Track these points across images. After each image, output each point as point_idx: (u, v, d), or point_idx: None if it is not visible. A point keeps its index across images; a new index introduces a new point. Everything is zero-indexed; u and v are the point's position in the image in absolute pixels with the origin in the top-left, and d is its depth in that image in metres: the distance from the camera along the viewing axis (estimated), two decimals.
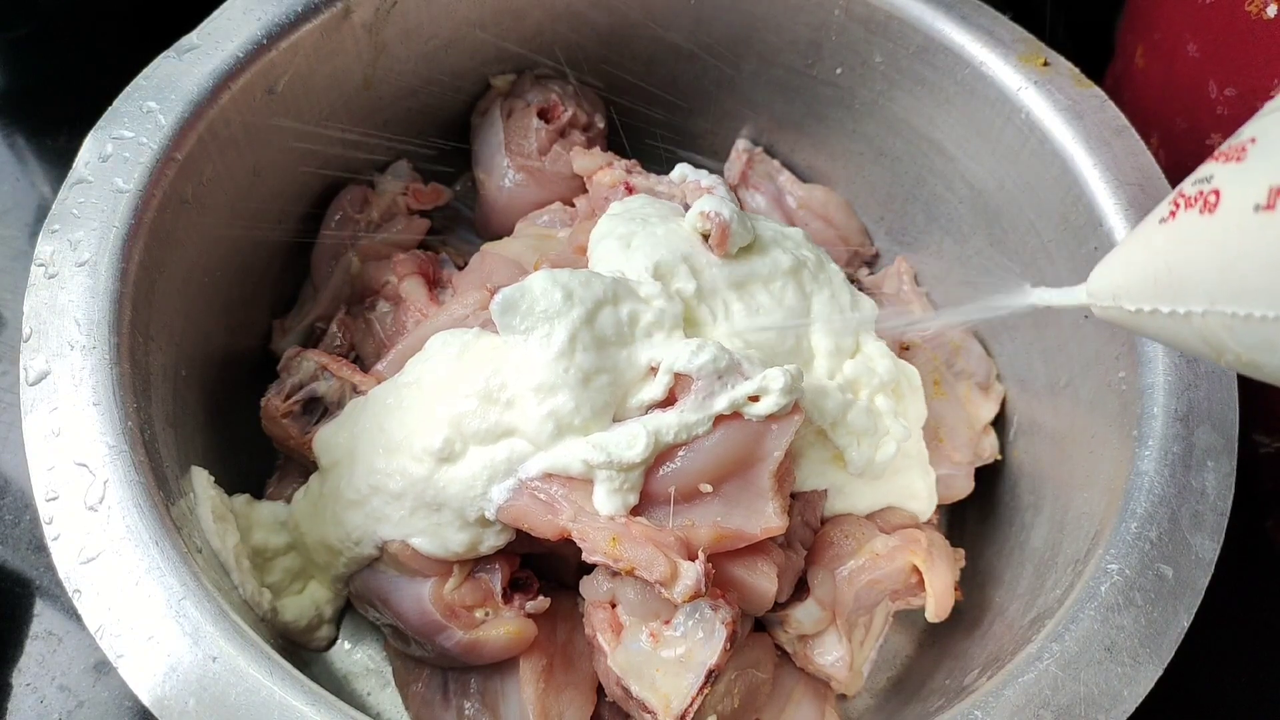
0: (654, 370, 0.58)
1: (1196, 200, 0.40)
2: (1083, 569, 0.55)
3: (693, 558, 0.54)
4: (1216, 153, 0.40)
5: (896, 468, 0.68)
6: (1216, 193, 0.39)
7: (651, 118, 0.87)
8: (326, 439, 0.63)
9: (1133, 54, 0.79)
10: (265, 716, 0.45)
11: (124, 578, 0.48)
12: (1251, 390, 0.57)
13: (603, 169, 0.75)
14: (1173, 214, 0.41)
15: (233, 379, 0.69)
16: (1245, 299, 0.37)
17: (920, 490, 0.69)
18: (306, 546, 0.64)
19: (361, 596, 0.63)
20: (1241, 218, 0.37)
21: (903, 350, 0.75)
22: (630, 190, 0.73)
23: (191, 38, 0.63)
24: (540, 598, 0.62)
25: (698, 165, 0.77)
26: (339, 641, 0.69)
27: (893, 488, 0.68)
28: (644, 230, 0.65)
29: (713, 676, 0.54)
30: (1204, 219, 0.39)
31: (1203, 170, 0.41)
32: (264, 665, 0.46)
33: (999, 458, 0.74)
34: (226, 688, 0.45)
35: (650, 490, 0.56)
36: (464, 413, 0.57)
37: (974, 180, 0.74)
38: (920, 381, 0.72)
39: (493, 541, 0.60)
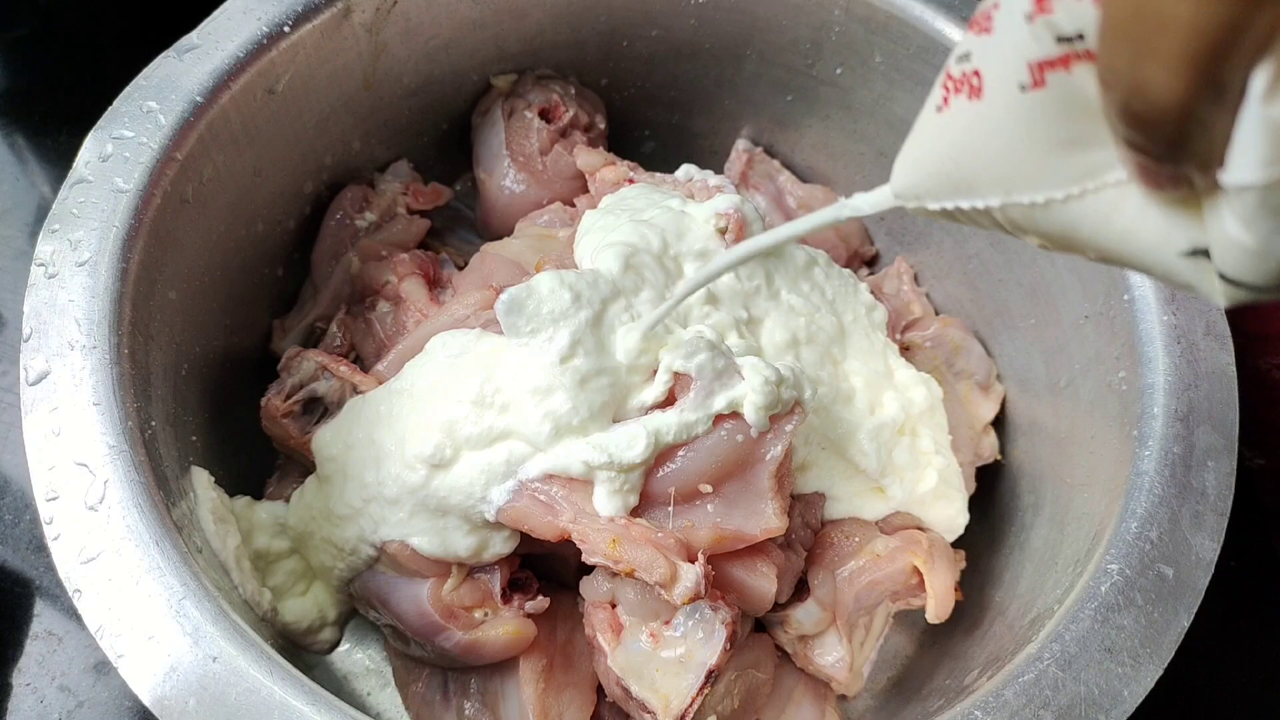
0: (654, 370, 0.58)
1: (962, 84, 0.36)
2: (1083, 569, 0.55)
3: (692, 559, 0.54)
4: (971, 19, 0.36)
5: (937, 495, 0.68)
6: (978, 73, 0.35)
7: (651, 118, 0.87)
8: (324, 442, 0.63)
9: None
10: (266, 716, 0.45)
11: (124, 577, 0.48)
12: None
13: (608, 165, 0.75)
14: (945, 101, 0.38)
15: (233, 379, 0.69)
16: (1036, 186, 0.35)
17: (959, 521, 0.69)
18: (306, 553, 0.64)
19: (361, 598, 0.63)
20: (1009, 100, 0.34)
21: (903, 351, 0.75)
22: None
23: (191, 38, 0.63)
24: (539, 598, 0.62)
25: (702, 166, 0.77)
26: None
27: (925, 514, 0.69)
28: (635, 223, 0.65)
29: (712, 677, 0.54)
30: (973, 105, 0.35)
31: (962, 44, 0.36)
32: (264, 665, 0.46)
33: (999, 458, 0.74)
34: (227, 688, 0.45)
35: (650, 491, 0.56)
36: (456, 418, 0.57)
37: None
38: (942, 394, 0.72)
39: (498, 549, 0.60)
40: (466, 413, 0.57)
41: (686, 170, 0.75)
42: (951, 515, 0.69)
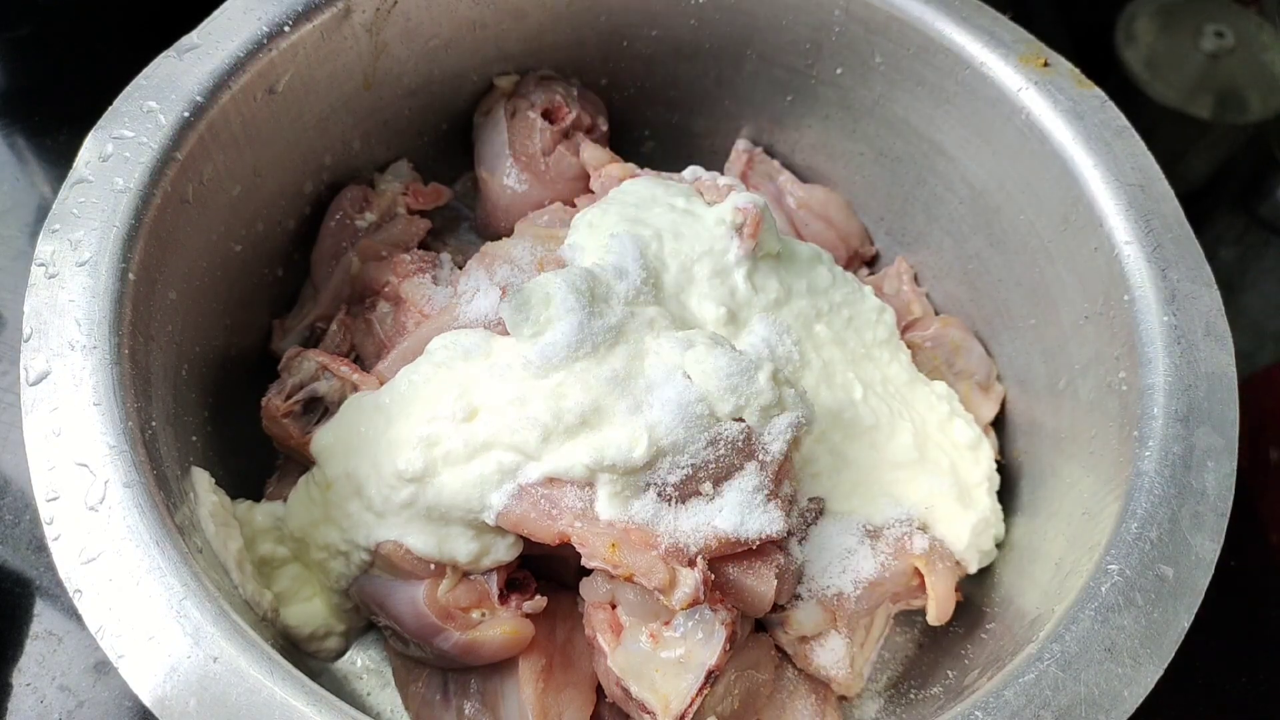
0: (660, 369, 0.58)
1: None
2: (1083, 569, 0.55)
3: (691, 564, 0.54)
4: None
5: (975, 531, 0.68)
6: None
7: (651, 118, 0.87)
8: (323, 443, 0.63)
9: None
10: (266, 717, 0.45)
11: (125, 578, 0.48)
12: None
13: (614, 162, 0.75)
14: None
15: (233, 379, 0.69)
16: None
17: (987, 558, 0.69)
18: (305, 556, 0.64)
19: (360, 602, 0.63)
20: None
21: None
22: None
23: (191, 37, 0.63)
24: (537, 597, 0.62)
25: (702, 166, 0.77)
26: None
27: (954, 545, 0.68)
28: (630, 223, 0.65)
29: (712, 677, 0.54)
30: None
31: None
32: (265, 665, 0.46)
33: (999, 458, 0.74)
34: (227, 688, 0.45)
35: (650, 493, 0.56)
36: (434, 434, 0.57)
37: (974, 180, 0.74)
38: (959, 401, 0.73)
39: (500, 556, 0.60)
40: (443, 428, 0.57)
41: (694, 171, 0.75)
42: (983, 550, 0.69)
